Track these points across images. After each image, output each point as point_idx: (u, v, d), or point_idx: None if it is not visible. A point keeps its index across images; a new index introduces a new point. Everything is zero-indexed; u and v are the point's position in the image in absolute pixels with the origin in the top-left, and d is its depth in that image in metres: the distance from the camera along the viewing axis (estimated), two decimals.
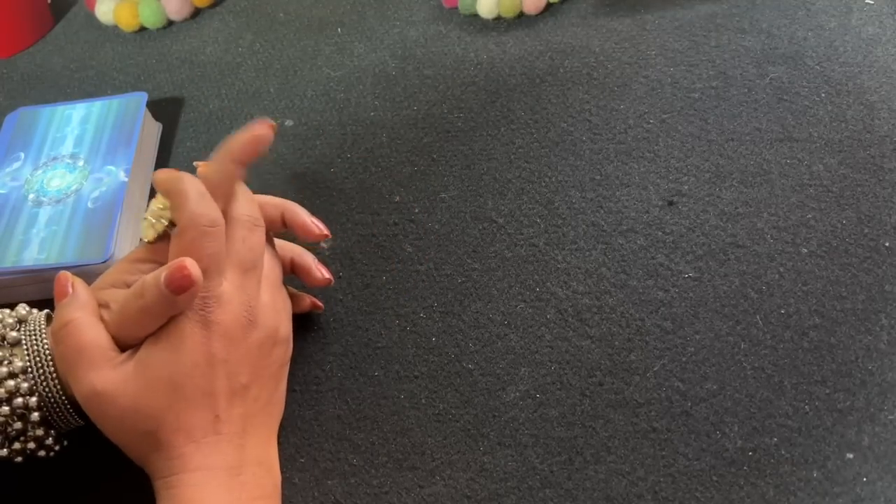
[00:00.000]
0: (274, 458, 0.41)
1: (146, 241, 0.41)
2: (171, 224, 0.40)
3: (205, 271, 0.38)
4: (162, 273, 0.37)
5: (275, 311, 0.41)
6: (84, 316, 0.38)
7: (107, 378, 0.37)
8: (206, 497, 0.36)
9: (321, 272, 0.46)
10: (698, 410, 0.42)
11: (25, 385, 0.39)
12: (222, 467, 0.37)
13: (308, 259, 0.46)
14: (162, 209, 0.40)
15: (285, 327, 0.42)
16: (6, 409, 0.39)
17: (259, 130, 0.42)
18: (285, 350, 0.42)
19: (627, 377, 0.44)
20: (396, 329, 0.47)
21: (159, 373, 0.37)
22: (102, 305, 0.40)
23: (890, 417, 0.41)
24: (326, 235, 0.45)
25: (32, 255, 0.50)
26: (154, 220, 0.41)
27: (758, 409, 0.42)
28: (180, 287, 0.36)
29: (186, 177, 0.40)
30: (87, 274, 0.44)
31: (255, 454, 0.39)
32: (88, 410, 0.38)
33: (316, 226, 0.45)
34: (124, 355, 0.38)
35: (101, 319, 0.39)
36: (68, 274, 0.40)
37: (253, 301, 0.39)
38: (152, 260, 0.41)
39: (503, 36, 0.65)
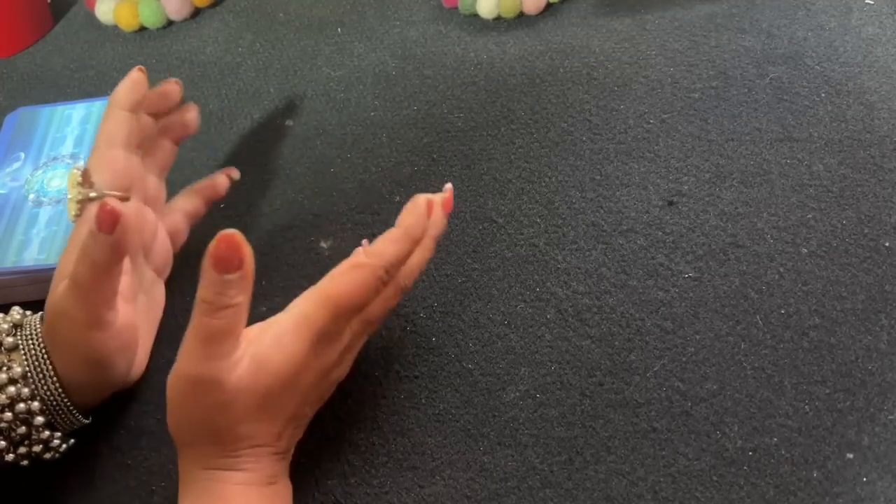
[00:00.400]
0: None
1: (70, 218, 0.43)
2: (89, 198, 0.42)
3: (350, 307, 0.37)
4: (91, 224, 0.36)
5: (354, 357, 0.41)
6: (246, 302, 0.36)
7: (221, 368, 0.35)
8: (240, 499, 0.36)
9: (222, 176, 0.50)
10: (698, 410, 0.42)
11: (26, 390, 0.39)
12: (264, 473, 0.37)
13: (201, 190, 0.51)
14: (79, 186, 0.43)
15: (345, 369, 0.42)
16: (9, 414, 0.38)
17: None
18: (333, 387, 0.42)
19: (627, 377, 0.44)
20: (396, 329, 0.47)
21: (264, 380, 0.36)
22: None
23: (890, 417, 0.41)
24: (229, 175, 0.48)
25: (33, 255, 0.50)
26: (71, 197, 0.42)
27: (758, 409, 0.42)
28: (110, 222, 0.36)
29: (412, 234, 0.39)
30: None
31: (285, 466, 0.40)
32: (177, 393, 0.36)
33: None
34: (241, 348, 0.36)
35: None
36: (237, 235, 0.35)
37: (351, 348, 0.40)
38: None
39: (503, 36, 0.65)
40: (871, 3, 0.62)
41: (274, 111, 0.62)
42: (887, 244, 0.47)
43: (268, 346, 0.36)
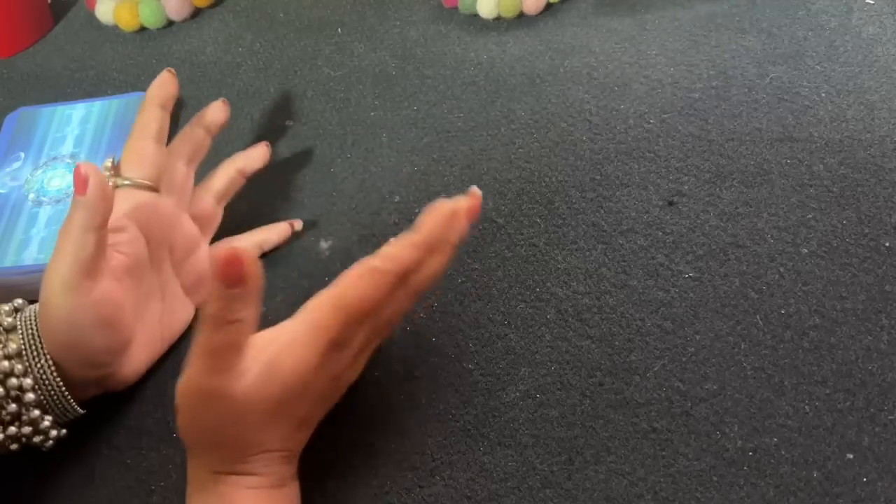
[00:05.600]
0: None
1: None
2: (116, 186, 0.44)
3: (363, 313, 0.37)
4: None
5: (366, 360, 0.40)
6: (252, 315, 0.36)
7: (228, 380, 0.35)
8: (250, 503, 0.37)
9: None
10: (698, 410, 0.42)
11: (20, 366, 0.39)
12: (274, 477, 0.38)
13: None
14: (109, 175, 0.45)
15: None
16: (0, 390, 0.39)
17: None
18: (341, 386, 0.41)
19: (627, 377, 0.44)
20: (396, 329, 0.47)
21: (275, 389, 0.36)
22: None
23: (890, 418, 0.41)
24: None
25: (32, 254, 0.50)
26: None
27: (758, 409, 0.42)
28: (82, 184, 0.38)
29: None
30: None
31: (294, 467, 0.40)
32: (186, 402, 0.37)
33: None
34: (251, 354, 0.36)
35: None
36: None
37: (363, 352, 0.39)
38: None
39: (503, 36, 0.65)
40: (871, 3, 0.62)
41: (274, 111, 0.62)
42: (887, 244, 0.47)
43: (278, 354, 0.36)
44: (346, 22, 0.69)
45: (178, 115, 0.63)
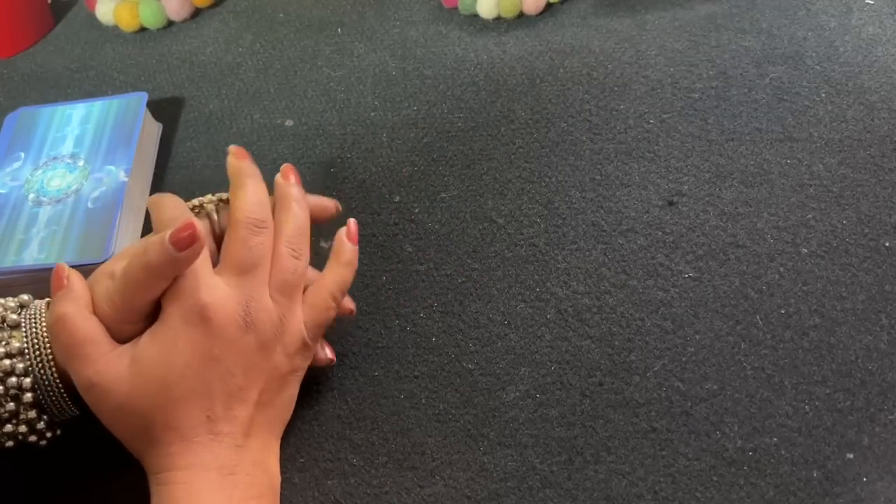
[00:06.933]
0: (272, 460, 0.41)
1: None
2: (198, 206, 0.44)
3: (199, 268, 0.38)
4: (168, 231, 0.37)
5: (279, 316, 0.40)
6: (76, 310, 0.38)
7: (100, 372, 0.37)
8: (194, 495, 0.36)
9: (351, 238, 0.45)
10: (698, 410, 0.42)
11: (21, 366, 0.39)
12: (214, 467, 0.37)
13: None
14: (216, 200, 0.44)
15: (293, 336, 0.40)
16: (0, 388, 0.39)
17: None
18: (289, 359, 0.41)
19: (627, 377, 0.44)
20: (396, 329, 0.47)
21: (151, 372, 0.37)
22: (100, 291, 0.40)
23: (890, 417, 0.41)
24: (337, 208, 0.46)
25: (32, 254, 0.50)
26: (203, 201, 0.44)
27: (758, 409, 0.42)
28: (185, 243, 0.37)
29: (252, 176, 0.43)
30: (87, 274, 0.44)
31: (252, 456, 0.39)
32: (86, 400, 0.39)
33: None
34: (120, 349, 0.38)
35: (98, 308, 0.39)
36: (65, 266, 0.40)
37: (252, 302, 0.39)
38: None
39: (503, 36, 0.65)
40: (871, 3, 0.62)
41: (274, 111, 0.62)
42: (887, 244, 0.47)
43: (144, 337, 0.38)
44: (346, 22, 0.69)
45: (179, 116, 0.63)
